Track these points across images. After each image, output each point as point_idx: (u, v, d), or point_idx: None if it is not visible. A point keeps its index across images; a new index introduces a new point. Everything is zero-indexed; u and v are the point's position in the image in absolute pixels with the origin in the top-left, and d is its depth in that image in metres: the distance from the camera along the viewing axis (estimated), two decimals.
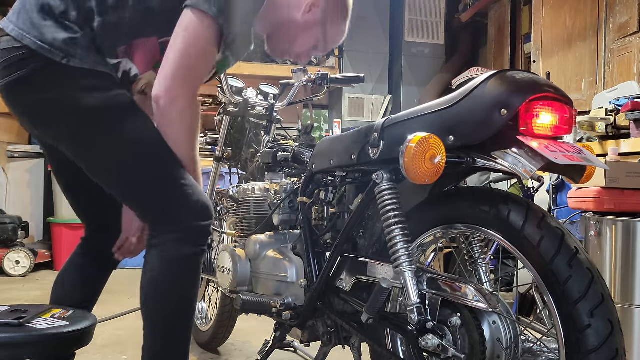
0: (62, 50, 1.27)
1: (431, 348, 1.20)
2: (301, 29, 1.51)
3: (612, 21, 3.52)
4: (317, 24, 1.51)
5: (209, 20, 1.30)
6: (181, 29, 1.31)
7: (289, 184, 1.84)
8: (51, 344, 1.27)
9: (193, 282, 1.39)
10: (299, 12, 1.48)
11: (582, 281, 1.04)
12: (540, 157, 1.08)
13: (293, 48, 1.56)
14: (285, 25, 1.50)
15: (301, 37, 1.52)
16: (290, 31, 1.51)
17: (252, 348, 2.51)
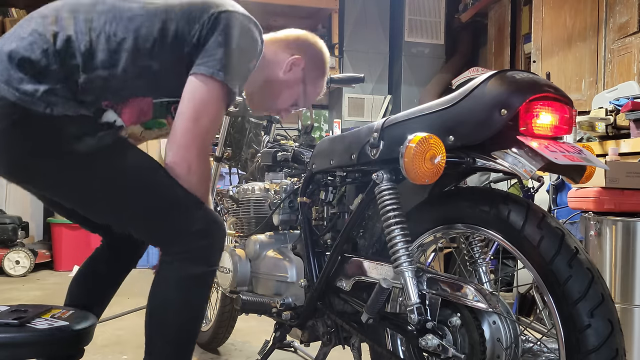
0: (43, 100, 1.23)
1: (431, 348, 1.20)
2: (283, 87, 1.59)
3: (612, 21, 3.52)
4: (298, 82, 1.60)
5: (217, 86, 1.31)
6: (191, 96, 1.31)
7: (289, 184, 1.84)
8: (51, 344, 1.27)
9: (200, 302, 1.40)
10: (280, 70, 1.56)
11: (582, 281, 1.04)
12: (540, 157, 1.08)
13: (275, 105, 1.64)
14: (268, 84, 1.57)
15: (283, 94, 1.60)
16: (273, 89, 1.58)
17: (252, 348, 2.51)
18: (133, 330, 2.73)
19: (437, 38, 5.76)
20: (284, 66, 1.56)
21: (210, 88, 1.31)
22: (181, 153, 1.31)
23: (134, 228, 1.40)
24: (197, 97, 1.31)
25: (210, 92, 1.31)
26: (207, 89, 1.31)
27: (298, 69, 1.58)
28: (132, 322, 2.82)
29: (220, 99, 1.33)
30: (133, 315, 2.86)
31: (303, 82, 1.60)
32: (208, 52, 1.32)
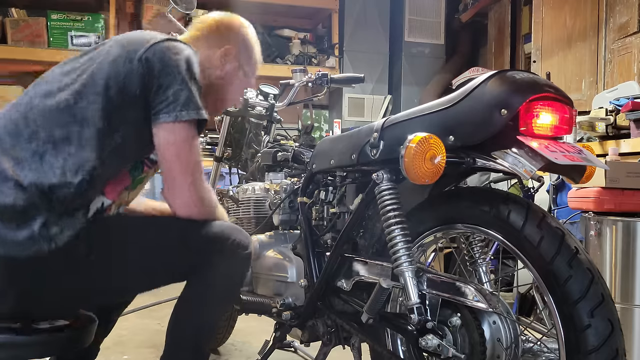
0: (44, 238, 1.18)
1: (431, 348, 1.20)
2: (226, 83, 1.55)
3: (612, 21, 3.52)
4: (237, 70, 1.56)
5: (186, 126, 1.29)
6: (167, 150, 1.29)
7: (289, 184, 1.84)
8: (51, 344, 1.27)
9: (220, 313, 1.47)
10: (216, 69, 1.52)
11: (582, 281, 1.05)
12: (540, 157, 1.08)
13: (227, 103, 1.63)
14: (212, 87, 1.52)
15: (230, 90, 1.58)
16: (219, 89, 1.55)
17: (252, 348, 2.51)
18: (134, 330, 2.73)
19: (437, 38, 5.76)
20: (217, 63, 1.52)
21: (181, 133, 1.28)
22: (189, 207, 1.32)
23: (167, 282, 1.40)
24: (174, 149, 1.29)
25: (183, 137, 1.29)
26: (179, 135, 1.28)
27: (231, 57, 1.53)
28: (133, 322, 2.82)
29: (194, 136, 1.31)
30: (135, 315, 2.86)
31: (241, 67, 1.57)
32: (159, 97, 1.28)
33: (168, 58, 1.29)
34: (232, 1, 5.30)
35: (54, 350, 1.30)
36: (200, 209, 1.34)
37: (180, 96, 1.27)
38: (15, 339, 1.22)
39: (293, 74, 2.36)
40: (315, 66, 5.51)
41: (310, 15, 5.97)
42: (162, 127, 1.28)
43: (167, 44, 1.32)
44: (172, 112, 1.27)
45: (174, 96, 1.27)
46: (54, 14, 5.08)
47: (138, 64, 1.27)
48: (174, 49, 1.31)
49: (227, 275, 1.37)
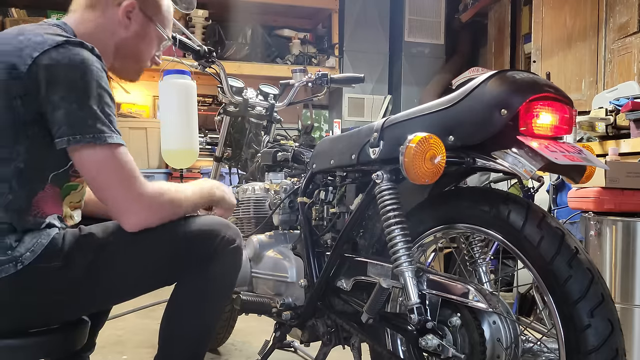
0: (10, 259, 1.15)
1: (431, 348, 1.20)
2: (136, 40, 1.40)
3: (612, 21, 3.52)
4: (146, 24, 1.40)
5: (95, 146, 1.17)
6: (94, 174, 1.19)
7: (289, 184, 1.84)
8: (44, 346, 1.26)
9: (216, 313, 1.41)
10: (121, 28, 1.37)
11: (582, 281, 1.04)
12: (540, 157, 1.08)
13: (143, 63, 1.46)
14: (122, 49, 1.39)
15: (141, 47, 1.42)
16: (129, 49, 1.40)
17: (252, 348, 2.51)
18: (133, 330, 2.73)
19: (437, 38, 5.76)
20: (121, 20, 1.35)
21: (89, 157, 1.17)
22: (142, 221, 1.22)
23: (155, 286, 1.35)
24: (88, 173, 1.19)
25: (94, 160, 1.17)
26: (88, 159, 1.17)
27: (136, 12, 1.37)
28: (132, 322, 2.82)
29: (107, 154, 1.18)
30: (133, 315, 2.86)
31: (150, 20, 1.40)
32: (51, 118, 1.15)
33: (57, 74, 1.14)
34: (232, 1, 5.30)
35: (46, 353, 1.28)
36: (156, 216, 1.24)
37: (76, 120, 1.15)
38: (5, 342, 1.21)
39: (293, 74, 2.36)
40: (315, 66, 5.51)
41: (310, 15, 5.97)
42: (72, 153, 1.17)
43: (55, 54, 1.15)
44: (64, 137, 1.15)
45: (69, 120, 1.15)
46: (54, 14, 5.08)
47: (22, 82, 1.14)
48: (65, 59, 1.15)
49: (218, 273, 1.33)
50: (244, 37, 5.47)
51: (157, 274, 1.31)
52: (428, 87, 5.52)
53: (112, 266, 1.25)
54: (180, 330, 1.34)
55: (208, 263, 1.31)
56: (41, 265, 1.18)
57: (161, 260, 1.29)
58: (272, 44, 5.64)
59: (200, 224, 1.32)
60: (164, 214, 1.26)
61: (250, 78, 4.45)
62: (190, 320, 1.34)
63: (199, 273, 1.31)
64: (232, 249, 1.34)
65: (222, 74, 2.20)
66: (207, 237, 1.31)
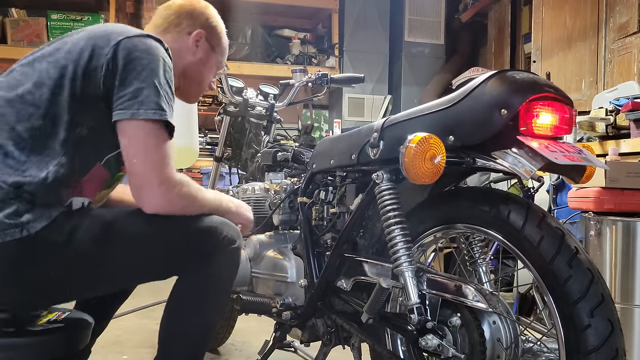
0: (14, 225, 1.16)
1: (431, 348, 1.20)
2: (200, 66, 1.56)
3: (612, 21, 3.52)
4: (210, 53, 1.57)
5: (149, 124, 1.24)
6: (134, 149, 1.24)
7: (289, 184, 1.84)
8: (47, 346, 1.26)
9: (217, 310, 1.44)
10: (189, 53, 1.53)
11: (582, 281, 1.04)
12: (540, 157, 1.08)
13: (203, 86, 1.62)
14: (187, 72, 1.54)
15: (204, 72, 1.58)
16: (194, 74, 1.56)
17: (252, 348, 2.51)
18: (132, 331, 2.73)
19: (437, 38, 5.76)
20: (190, 47, 1.53)
21: (138, 131, 1.24)
22: (160, 202, 1.26)
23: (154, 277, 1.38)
24: (132, 149, 1.24)
25: (141, 135, 1.24)
26: (137, 134, 1.24)
27: (202, 41, 1.54)
28: (132, 322, 2.82)
29: (156, 135, 1.25)
30: (133, 315, 2.86)
31: (212, 49, 1.57)
32: (119, 93, 1.24)
33: (134, 55, 1.26)
34: (232, 1, 5.30)
35: (50, 353, 1.28)
36: (173, 204, 1.28)
37: (141, 94, 1.23)
38: (9, 341, 1.21)
39: (293, 74, 2.36)
40: (315, 66, 5.51)
41: (310, 15, 5.97)
42: (121, 124, 1.24)
43: (136, 40, 1.28)
44: (128, 110, 1.23)
45: (134, 93, 1.23)
46: (54, 14, 5.08)
47: (104, 58, 1.24)
48: (143, 45, 1.28)
49: (218, 272, 1.35)
50: (244, 37, 5.47)
51: (158, 262, 1.33)
52: (428, 87, 5.52)
53: (115, 247, 1.27)
54: (180, 329, 1.35)
55: (208, 260, 1.33)
56: (46, 235, 1.19)
57: (163, 249, 1.32)
58: (272, 44, 5.65)
59: (203, 221, 1.34)
60: (180, 204, 1.30)
61: (250, 78, 4.45)
62: (189, 318, 1.35)
63: (199, 269, 1.33)
64: (233, 249, 1.37)
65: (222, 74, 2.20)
66: (208, 234, 1.33)
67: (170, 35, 1.51)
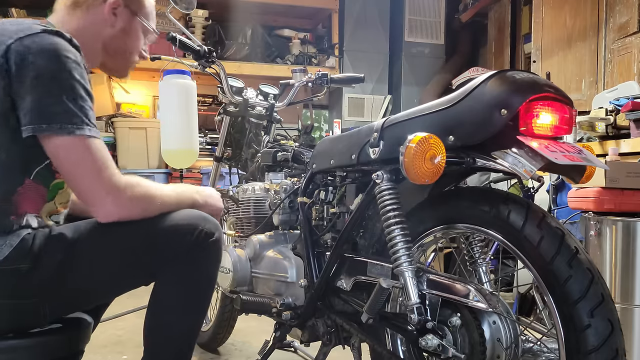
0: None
1: (431, 348, 1.20)
2: (124, 36, 1.41)
3: (612, 21, 3.52)
4: (131, 20, 1.41)
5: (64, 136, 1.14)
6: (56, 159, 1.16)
7: (289, 184, 1.84)
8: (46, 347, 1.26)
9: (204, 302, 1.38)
10: (107, 26, 1.37)
11: (582, 281, 1.04)
12: (540, 157, 1.08)
13: (132, 57, 1.46)
14: (110, 46, 1.39)
15: (129, 43, 1.42)
16: (118, 46, 1.40)
17: (252, 348, 2.51)
18: (133, 330, 2.73)
19: (437, 38, 5.76)
20: (107, 18, 1.35)
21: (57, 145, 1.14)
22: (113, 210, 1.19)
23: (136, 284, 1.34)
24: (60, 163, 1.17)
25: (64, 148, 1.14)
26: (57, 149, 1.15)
27: (121, 9, 1.37)
28: (132, 322, 2.82)
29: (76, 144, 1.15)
30: (133, 315, 2.86)
31: (135, 14, 1.40)
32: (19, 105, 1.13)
33: (28, 60, 1.12)
34: (232, 1, 5.30)
35: (51, 353, 1.27)
36: (128, 208, 1.20)
37: (40, 105, 1.12)
38: (9, 343, 1.20)
39: (293, 74, 2.36)
40: (315, 66, 5.51)
41: (310, 15, 5.97)
42: (42, 140, 1.15)
43: (27, 41, 1.14)
44: (29, 125, 1.12)
45: (33, 105, 1.12)
46: None
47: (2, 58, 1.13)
48: (36, 46, 1.14)
49: (199, 268, 1.30)
50: (244, 37, 5.47)
51: (134, 270, 1.28)
52: (428, 87, 5.52)
53: (84, 264, 1.22)
54: (166, 328, 1.32)
55: (187, 258, 1.28)
56: (8, 267, 1.15)
57: (137, 256, 1.26)
58: (272, 44, 5.64)
59: (177, 219, 1.29)
60: (136, 206, 1.23)
61: (250, 78, 4.45)
62: (173, 316, 1.31)
63: (179, 268, 1.29)
64: (212, 242, 1.31)
65: (222, 74, 2.20)
66: (185, 232, 1.28)
67: (80, 10, 1.34)
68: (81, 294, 1.27)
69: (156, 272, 1.29)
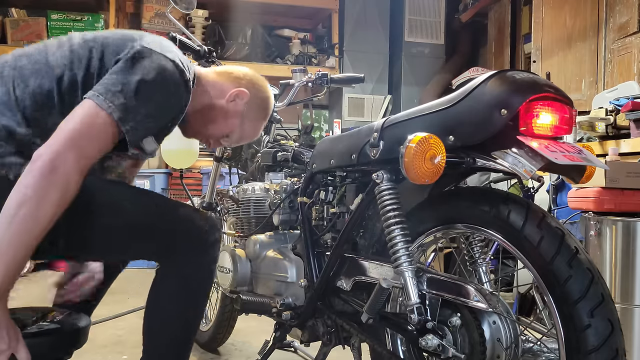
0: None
1: (431, 348, 1.20)
2: (221, 114, 1.50)
3: (612, 21, 3.52)
4: (238, 115, 1.52)
5: (105, 117, 1.21)
6: (79, 115, 1.20)
7: (289, 184, 1.84)
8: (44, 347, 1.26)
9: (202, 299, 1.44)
10: (223, 99, 1.49)
11: (582, 281, 1.04)
12: (540, 157, 1.08)
13: (207, 131, 1.54)
14: (207, 109, 1.49)
15: (219, 121, 1.51)
16: (211, 114, 1.50)
17: (252, 348, 2.51)
18: (133, 330, 2.73)
19: (437, 38, 5.76)
20: (227, 95, 1.49)
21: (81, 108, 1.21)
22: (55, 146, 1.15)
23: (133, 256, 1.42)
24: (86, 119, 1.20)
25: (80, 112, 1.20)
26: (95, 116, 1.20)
27: (242, 102, 1.50)
28: (132, 322, 2.82)
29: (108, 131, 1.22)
30: (133, 315, 2.86)
31: (242, 116, 1.52)
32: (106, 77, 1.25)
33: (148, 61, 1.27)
34: (232, 1, 5.30)
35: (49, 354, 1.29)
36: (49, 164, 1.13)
37: (108, 82, 1.23)
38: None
39: (293, 74, 2.36)
40: (315, 66, 5.51)
41: (310, 15, 5.97)
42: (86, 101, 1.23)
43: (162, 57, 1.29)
44: (91, 90, 1.23)
45: (105, 80, 1.25)
46: (54, 14, 5.08)
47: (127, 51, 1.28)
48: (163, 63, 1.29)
49: (199, 265, 1.37)
50: (244, 37, 5.47)
51: (145, 239, 1.35)
52: (428, 87, 5.52)
53: (107, 211, 1.30)
54: (163, 325, 1.37)
55: (191, 251, 1.35)
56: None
57: (153, 228, 1.34)
58: (272, 44, 5.64)
59: (184, 212, 1.39)
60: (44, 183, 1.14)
61: None
62: (171, 312, 1.36)
63: (181, 260, 1.35)
64: (212, 241, 1.40)
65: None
66: (189, 226, 1.36)
67: (221, 77, 1.52)
68: (96, 240, 1.32)
69: (160, 253, 1.36)
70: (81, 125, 1.19)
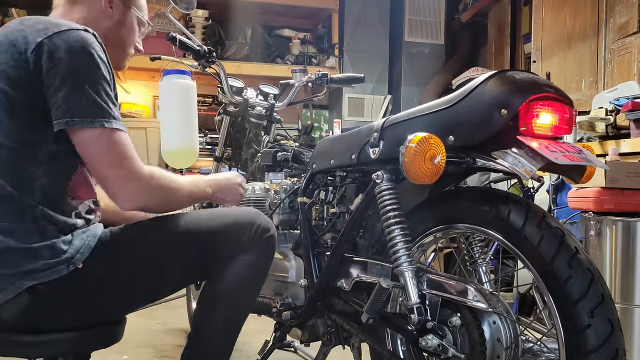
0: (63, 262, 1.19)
1: (431, 348, 1.20)
2: (120, 29, 1.43)
3: (612, 21, 3.52)
4: (126, 13, 1.43)
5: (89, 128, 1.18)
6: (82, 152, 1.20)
7: (289, 184, 1.84)
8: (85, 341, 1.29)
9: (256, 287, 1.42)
10: (106, 18, 1.40)
11: (582, 281, 1.05)
12: (540, 157, 1.08)
13: (127, 50, 1.48)
14: (109, 39, 1.38)
15: (125, 36, 1.45)
16: (115, 40, 1.42)
17: (252, 348, 2.50)
18: (133, 330, 2.73)
19: (437, 38, 5.76)
20: (104, 11, 1.38)
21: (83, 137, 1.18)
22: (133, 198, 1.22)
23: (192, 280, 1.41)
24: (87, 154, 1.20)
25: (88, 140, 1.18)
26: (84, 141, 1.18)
27: (116, 1, 1.40)
28: (132, 322, 2.81)
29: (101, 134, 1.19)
30: (133, 315, 2.85)
31: (128, 7, 1.42)
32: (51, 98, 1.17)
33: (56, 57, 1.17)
34: (232, 1, 5.30)
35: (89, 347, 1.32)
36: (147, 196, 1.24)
37: (70, 100, 1.16)
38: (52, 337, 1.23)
39: (293, 74, 2.36)
40: (315, 66, 5.51)
41: (310, 15, 5.97)
42: (70, 134, 1.19)
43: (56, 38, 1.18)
44: (61, 119, 1.16)
45: (64, 100, 1.16)
46: None
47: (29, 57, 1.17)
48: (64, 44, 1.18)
49: (255, 262, 1.35)
50: (244, 37, 5.47)
51: (198, 262, 1.34)
52: (428, 87, 5.52)
53: (153, 259, 1.28)
54: (215, 322, 1.36)
55: (244, 253, 1.34)
56: (90, 264, 1.21)
57: (200, 249, 1.32)
58: (272, 44, 5.64)
59: (234, 215, 1.36)
60: (155, 196, 1.26)
61: (250, 78, 4.44)
62: (227, 307, 1.35)
63: (236, 263, 1.34)
64: (268, 237, 1.37)
65: (222, 74, 2.20)
66: (243, 227, 1.34)
67: (79, 4, 1.39)
68: (150, 286, 1.34)
69: (213, 268, 1.34)
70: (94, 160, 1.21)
